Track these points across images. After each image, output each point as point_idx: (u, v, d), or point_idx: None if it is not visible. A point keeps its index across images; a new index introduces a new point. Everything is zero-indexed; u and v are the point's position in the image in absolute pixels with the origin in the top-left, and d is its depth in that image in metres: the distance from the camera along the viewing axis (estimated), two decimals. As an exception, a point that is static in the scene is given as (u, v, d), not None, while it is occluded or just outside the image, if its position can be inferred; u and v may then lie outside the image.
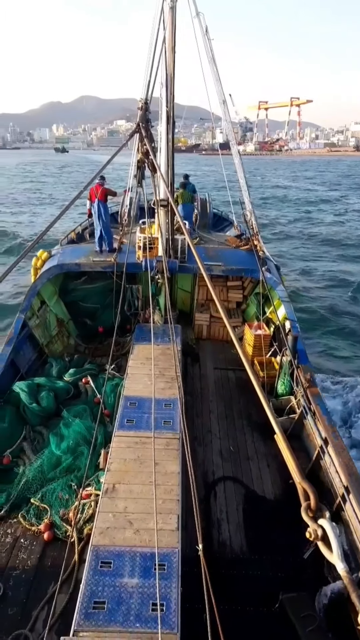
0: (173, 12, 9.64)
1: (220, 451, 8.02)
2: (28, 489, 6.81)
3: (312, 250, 30.89)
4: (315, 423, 7.47)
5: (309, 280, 23.76)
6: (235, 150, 13.03)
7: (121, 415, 7.47)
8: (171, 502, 5.72)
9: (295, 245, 32.12)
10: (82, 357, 10.59)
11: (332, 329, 18.12)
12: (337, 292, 22.18)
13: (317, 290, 22.30)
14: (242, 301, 12.66)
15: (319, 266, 26.58)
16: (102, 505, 5.70)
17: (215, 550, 6.12)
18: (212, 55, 11.65)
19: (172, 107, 10.21)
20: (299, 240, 33.73)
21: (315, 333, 17.58)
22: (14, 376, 9.11)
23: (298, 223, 40.68)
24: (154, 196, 10.31)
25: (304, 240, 33.69)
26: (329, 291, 22.19)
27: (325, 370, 14.68)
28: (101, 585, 4.66)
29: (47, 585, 5.47)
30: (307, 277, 24.30)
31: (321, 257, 29.19)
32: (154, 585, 4.62)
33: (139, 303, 12.16)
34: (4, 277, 4.22)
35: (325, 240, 33.52)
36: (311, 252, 30.16)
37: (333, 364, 15.35)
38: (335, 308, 20.11)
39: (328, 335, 17.59)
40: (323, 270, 25.71)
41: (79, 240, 13.71)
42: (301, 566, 5.85)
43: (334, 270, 25.80)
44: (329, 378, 13.94)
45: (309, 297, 21.23)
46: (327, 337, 17.48)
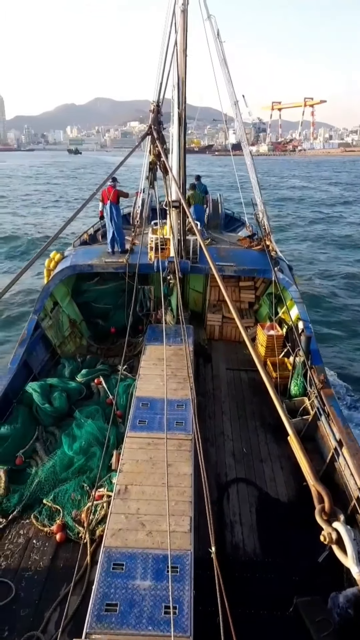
0: (184, 15, 9.66)
1: (232, 452, 7.98)
2: (40, 490, 6.81)
3: (330, 252, 30.31)
4: (330, 424, 7.39)
5: (329, 284, 23.28)
6: (247, 151, 13.02)
7: (133, 416, 7.46)
8: (184, 504, 5.69)
9: (314, 247, 31.58)
10: (94, 358, 10.61)
11: (350, 334, 17.84)
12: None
13: (338, 293, 21.96)
14: (255, 301, 12.60)
15: (339, 269, 26.04)
16: (115, 506, 5.69)
17: (229, 552, 6.07)
18: (224, 58, 11.66)
19: (184, 109, 10.22)
20: (317, 242, 33.10)
21: (332, 336, 17.34)
22: (27, 377, 9.16)
23: (316, 225, 39.93)
24: (166, 197, 10.32)
25: (322, 242, 33.08)
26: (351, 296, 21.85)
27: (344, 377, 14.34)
28: (113, 587, 4.64)
29: (59, 586, 5.47)
30: (327, 280, 23.83)
31: (338, 258, 28.67)
32: (166, 587, 4.58)
33: (151, 304, 12.17)
34: (17, 278, 4.24)
35: (346, 243, 32.89)
36: (331, 255, 29.58)
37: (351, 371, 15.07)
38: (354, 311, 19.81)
39: (345, 340, 17.32)
40: (342, 272, 25.22)
41: (91, 242, 13.76)
42: (316, 570, 5.77)
43: (354, 273, 25.25)
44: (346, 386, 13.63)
45: (329, 300, 20.93)
46: (343, 341, 17.22)
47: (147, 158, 10.21)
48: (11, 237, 32.89)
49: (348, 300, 21.01)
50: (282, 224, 38.53)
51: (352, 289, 22.56)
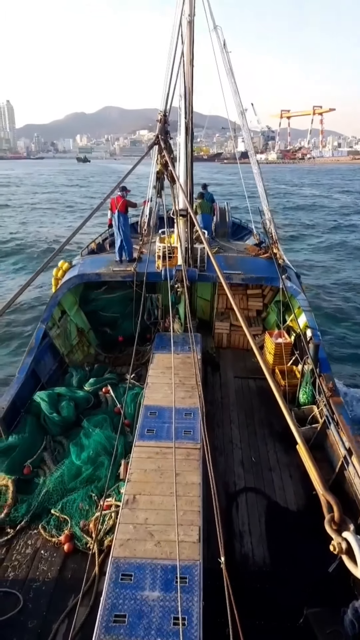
0: (191, 26, 9.74)
1: (241, 461, 7.92)
2: (48, 500, 6.79)
3: (349, 262, 29.69)
4: (339, 433, 7.33)
5: (348, 295, 22.88)
6: (253, 160, 13.06)
7: (141, 425, 7.44)
8: (192, 514, 5.65)
9: (331, 256, 31.09)
10: (102, 367, 10.61)
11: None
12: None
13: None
14: (263, 309, 12.57)
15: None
16: (123, 516, 5.65)
17: (238, 562, 6.01)
18: (230, 68, 11.74)
19: (190, 119, 10.28)
20: (336, 251, 32.47)
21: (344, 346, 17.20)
22: (35, 386, 9.16)
23: (332, 234, 39.09)
24: (173, 206, 10.36)
25: (340, 252, 32.42)
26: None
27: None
28: (122, 598, 4.60)
29: (67, 597, 5.42)
30: (347, 292, 23.33)
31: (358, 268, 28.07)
32: (175, 598, 4.54)
33: (159, 312, 12.18)
34: (26, 287, 4.25)
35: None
36: (350, 265, 28.93)
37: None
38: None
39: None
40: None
41: (99, 251, 13.83)
42: (326, 580, 5.70)
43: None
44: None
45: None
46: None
47: (154, 167, 10.27)
48: (17, 246, 33.08)
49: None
50: (295, 233, 37.82)
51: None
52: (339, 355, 15.86)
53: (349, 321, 19.34)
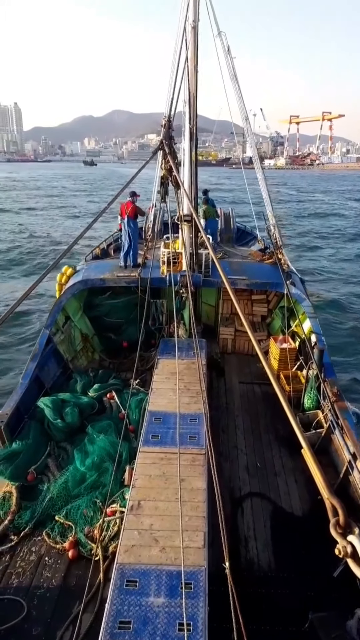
0: (195, 32, 9.77)
1: (246, 467, 7.88)
2: (53, 506, 6.76)
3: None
4: (343, 437, 7.29)
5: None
6: (257, 165, 13.08)
7: (146, 431, 7.41)
8: (197, 519, 5.61)
9: (351, 267, 30.28)
10: (106, 372, 10.59)
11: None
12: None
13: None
14: (267, 315, 12.55)
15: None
16: (128, 522, 5.62)
17: (243, 568, 5.97)
18: (235, 73, 11.77)
19: (195, 124, 10.30)
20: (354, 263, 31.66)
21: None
22: (39, 392, 9.15)
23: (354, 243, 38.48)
24: (178, 211, 10.36)
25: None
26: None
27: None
28: (127, 605, 4.56)
29: (71, 604, 5.38)
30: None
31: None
32: (180, 604, 4.50)
33: (164, 317, 12.16)
34: (29, 293, 4.25)
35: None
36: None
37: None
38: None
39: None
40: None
41: (103, 256, 13.85)
42: (331, 584, 5.66)
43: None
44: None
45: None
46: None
47: (158, 172, 10.29)
48: (16, 251, 33.11)
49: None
50: (310, 243, 37.08)
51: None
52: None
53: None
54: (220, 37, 11.49)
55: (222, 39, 11.50)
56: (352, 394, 12.90)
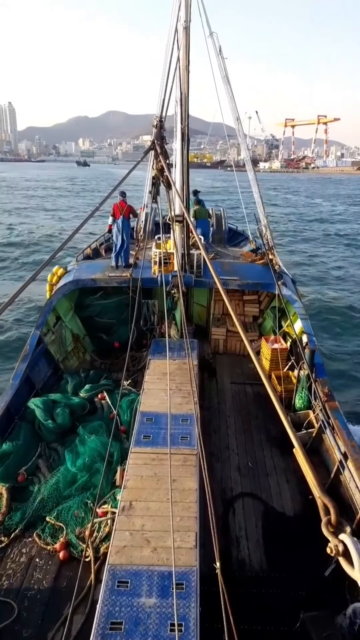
0: (187, 32, 9.76)
1: (238, 467, 7.89)
2: (43, 507, 6.71)
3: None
4: (334, 437, 7.33)
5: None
6: (249, 167, 13.13)
7: (137, 431, 7.39)
8: (189, 520, 5.61)
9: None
10: (97, 373, 10.55)
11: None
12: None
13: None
14: (259, 315, 12.58)
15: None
16: (119, 523, 5.60)
17: (235, 568, 5.98)
18: (226, 74, 11.79)
19: (186, 125, 10.30)
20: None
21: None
22: (29, 393, 9.10)
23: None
24: (169, 212, 10.35)
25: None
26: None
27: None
28: (118, 606, 4.54)
29: (62, 605, 5.35)
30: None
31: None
32: (172, 605, 4.49)
33: (155, 318, 12.14)
34: (19, 293, 4.20)
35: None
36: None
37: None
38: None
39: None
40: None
41: (94, 256, 13.80)
42: (323, 584, 5.69)
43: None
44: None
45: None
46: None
47: (150, 172, 10.27)
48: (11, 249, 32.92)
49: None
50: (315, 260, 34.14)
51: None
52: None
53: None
54: (212, 38, 11.50)
55: (213, 39, 11.52)
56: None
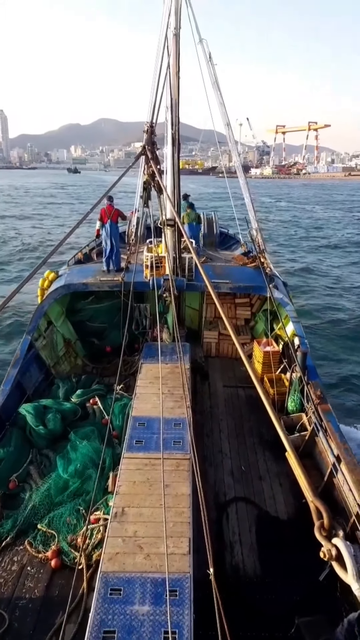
0: (177, 39, 9.80)
1: (231, 471, 7.85)
2: (35, 515, 6.64)
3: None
4: (327, 440, 7.31)
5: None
6: (240, 172, 13.21)
7: (130, 436, 7.35)
8: (182, 525, 5.56)
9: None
10: (89, 378, 10.49)
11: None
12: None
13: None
14: (251, 318, 12.59)
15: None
16: (111, 529, 5.55)
17: (229, 573, 5.93)
18: (216, 80, 11.83)
19: (177, 130, 10.33)
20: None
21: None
22: (21, 398, 9.02)
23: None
24: (161, 216, 10.35)
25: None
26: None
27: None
28: (111, 614, 4.49)
29: (54, 615, 5.28)
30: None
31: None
32: (165, 612, 4.44)
33: (147, 322, 12.11)
34: (10, 298, 4.17)
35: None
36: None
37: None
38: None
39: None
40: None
41: (85, 261, 13.77)
42: (317, 588, 5.66)
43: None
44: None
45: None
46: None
47: (141, 178, 10.28)
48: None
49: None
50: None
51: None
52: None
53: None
54: (201, 44, 11.55)
55: (203, 46, 11.56)
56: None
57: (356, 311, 22.63)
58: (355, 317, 21.72)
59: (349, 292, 26.58)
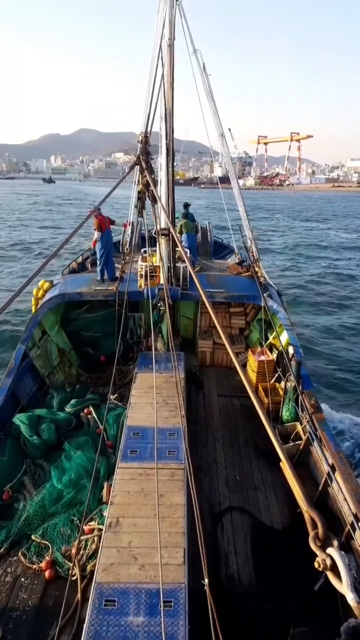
0: (171, 50, 9.89)
1: (226, 481, 7.84)
2: (29, 525, 6.60)
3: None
4: (322, 449, 7.31)
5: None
6: (234, 184, 13.28)
7: (124, 446, 7.33)
8: (177, 535, 5.55)
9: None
10: (84, 387, 10.47)
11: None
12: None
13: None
14: (245, 327, 12.62)
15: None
16: (106, 540, 5.52)
17: (224, 584, 5.91)
18: (210, 91, 11.93)
19: (171, 140, 10.41)
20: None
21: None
22: (15, 408, 8.98)
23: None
24: (155, 226, 10.40)
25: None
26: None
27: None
28: (105, 625, 4.46)
29: (48, 626, 5.24)
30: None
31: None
32: (160, 623, 4.42)
33: (142, 331, 12.12)
34: (5, 308, 4.17)
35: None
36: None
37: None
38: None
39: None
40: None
41: (80, 270, 13.78)
42: (312, 599, 5.64)
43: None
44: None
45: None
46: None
47: (135, 187, 10.34)
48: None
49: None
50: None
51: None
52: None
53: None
54: (195, 55, 11.64)
55: (197, 57, 11.66)
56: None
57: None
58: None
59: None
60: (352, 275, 33.38)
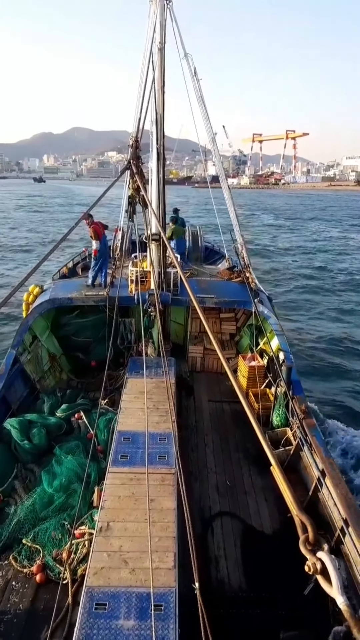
0: (162, 54, 9.94)
1: (216, 486, 7.88)
2: (20, 529, 6.61)
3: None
4: (312, 454, 7.37)
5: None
6: (225, 186, 13.26)
7: (115, 451, 7.35)
8: (167, 540, 5.58)
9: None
10: (74, 392, 10.46)
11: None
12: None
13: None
14: (236, 333, 12.67)
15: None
16: (97, 544, 5.54)
17: (214, 588, 5.94)
18: (201, 94, 11.99)
19: (162, 145, 10.43)
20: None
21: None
22: (5, 413, 8.97)
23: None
24: (146, 231, 10.42)
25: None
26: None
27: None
28: (96, 628, 4.49)
29: (39, 629, 5.25)
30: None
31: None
32: (150, 626, 4.45)
33: (132, 336, 12.13)
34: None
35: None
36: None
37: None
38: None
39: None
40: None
41: (70, 275, 13.78)
42: (302, 603, 5.69)
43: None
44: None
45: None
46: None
47: (126, 192, 10.35)
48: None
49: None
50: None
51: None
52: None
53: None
54: (186, 59, 11.70)
55: (188, 61, 11.71)
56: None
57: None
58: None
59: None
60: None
